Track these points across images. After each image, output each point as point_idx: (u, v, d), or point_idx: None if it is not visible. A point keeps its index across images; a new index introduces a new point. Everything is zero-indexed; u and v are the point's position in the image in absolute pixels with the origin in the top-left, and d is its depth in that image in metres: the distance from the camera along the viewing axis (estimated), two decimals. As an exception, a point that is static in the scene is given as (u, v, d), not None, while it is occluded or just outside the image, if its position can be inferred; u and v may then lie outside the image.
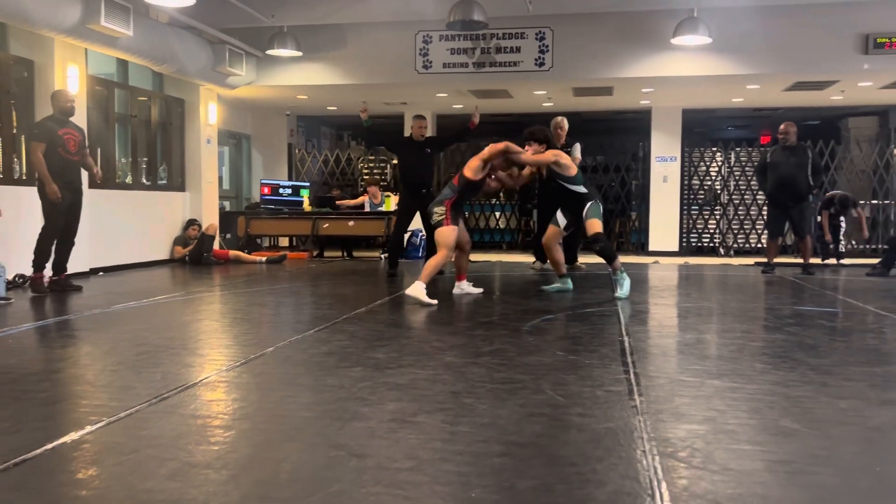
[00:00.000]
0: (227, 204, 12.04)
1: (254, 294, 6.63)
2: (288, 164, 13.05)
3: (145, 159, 9.43)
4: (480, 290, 6.52)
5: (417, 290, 5.73)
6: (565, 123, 8.65)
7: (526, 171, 6.58)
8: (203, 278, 8.06)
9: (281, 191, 11.51)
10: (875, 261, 8.95)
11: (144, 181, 9.39)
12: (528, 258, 9.66)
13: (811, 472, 2.20)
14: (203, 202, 10.22)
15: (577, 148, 8.61)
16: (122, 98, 9.11)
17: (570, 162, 6.27)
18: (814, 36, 9.01)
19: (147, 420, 2.73)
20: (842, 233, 10.33)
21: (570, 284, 6.58)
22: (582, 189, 6.18)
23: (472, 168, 6.05)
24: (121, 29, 7.29)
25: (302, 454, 2.38)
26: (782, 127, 8.67)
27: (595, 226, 6.11)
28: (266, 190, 11.39)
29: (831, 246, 10.19)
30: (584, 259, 8.91)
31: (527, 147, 6.27)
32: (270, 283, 7.55)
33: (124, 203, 8.85)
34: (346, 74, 10.02)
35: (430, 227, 8.50)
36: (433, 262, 5.95)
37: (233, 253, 9.92)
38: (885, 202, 11.80)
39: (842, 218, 10.28)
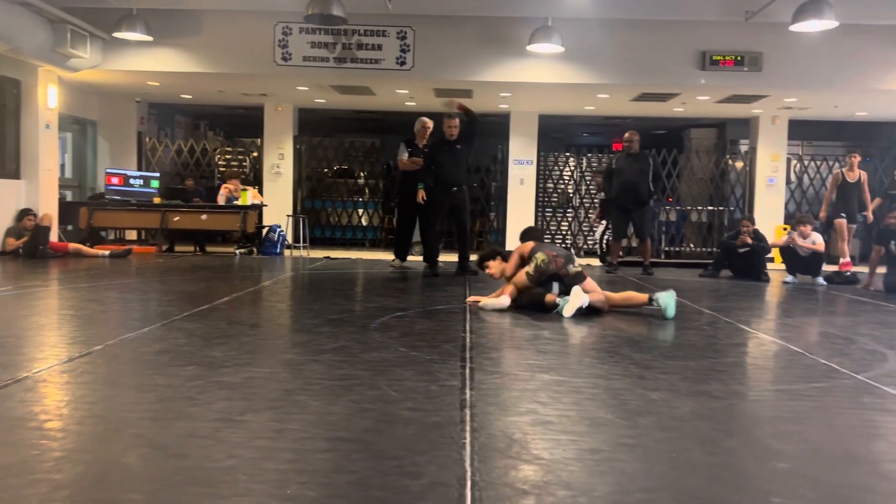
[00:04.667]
0: (68, 193, 11.30)
1: (91, 290, 6.27)
2: (137, 153, 12.41)
3: (-27, 143, 8.72)
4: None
5: None
6: (430, 123, 8.82)
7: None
8: (37, 272, 7.54)
9: (132, 181, 10.97)
10: (709, 262, 9.66)
11: (-28, 166, 8.68)
12: (389, 256, 9.69)
13: (615, 459, 2.34)
14: (41, 191, 9.56)
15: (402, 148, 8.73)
16: (-53, 75, 8.37)
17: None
18: (657, 50, 9.58)
19: (-55, 424, 2.53)
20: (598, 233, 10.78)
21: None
22: None
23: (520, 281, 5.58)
24: (-57, 0, 6.70)
25: (115, 455, 2.28)
26: (626, 135, 9.19)
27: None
28: (112, 179, 10.80)
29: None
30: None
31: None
32: (111, 278, 7.17)
33: (-53, 189, 8.15)
34: (201, 62, 9.66)
35: (461, 226, 8.29)
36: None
37: (73, 246, 9.34)
38: (720, 208, 12.73)
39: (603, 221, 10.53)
